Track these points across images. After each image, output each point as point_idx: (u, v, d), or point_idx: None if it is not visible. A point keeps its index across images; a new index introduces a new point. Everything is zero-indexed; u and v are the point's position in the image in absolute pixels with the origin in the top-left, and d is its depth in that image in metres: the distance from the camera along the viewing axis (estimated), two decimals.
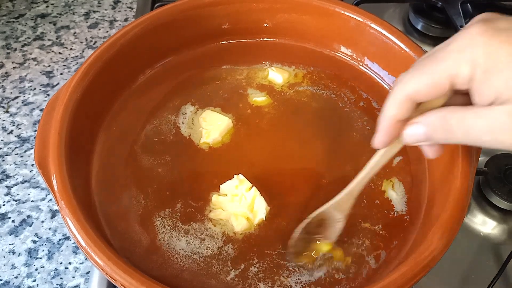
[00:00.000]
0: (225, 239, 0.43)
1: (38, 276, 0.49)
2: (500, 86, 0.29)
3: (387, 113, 0.34)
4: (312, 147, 0.50)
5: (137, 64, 0.54)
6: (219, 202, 0.45)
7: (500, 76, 0.29)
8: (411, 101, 0.33)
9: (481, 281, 0.48)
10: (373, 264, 0.43)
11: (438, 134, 0.33)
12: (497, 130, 0.30)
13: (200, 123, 0.51)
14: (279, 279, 0.41)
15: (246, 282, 0.41)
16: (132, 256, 0.42)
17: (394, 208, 0.46)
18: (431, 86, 0.32)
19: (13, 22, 0.76)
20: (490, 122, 0.30)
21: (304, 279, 0.41)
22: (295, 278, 0.41)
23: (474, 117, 0.31)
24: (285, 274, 0.42)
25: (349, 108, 0.54)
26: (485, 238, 0.52)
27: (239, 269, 0.42)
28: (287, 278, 0.41)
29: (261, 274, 0.41)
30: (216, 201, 0.45)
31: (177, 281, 0.41)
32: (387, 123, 0.35)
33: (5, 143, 0.60)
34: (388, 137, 0.36)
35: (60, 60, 0.70)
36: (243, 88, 0.55)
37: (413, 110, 0.34)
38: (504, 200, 0.53)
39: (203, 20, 0.56)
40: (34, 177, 0.57)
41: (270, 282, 0.41)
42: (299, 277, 0.41)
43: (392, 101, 0.34)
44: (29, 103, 0.65)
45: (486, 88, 0.30)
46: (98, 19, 0.77)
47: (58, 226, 0.53)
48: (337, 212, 0.42)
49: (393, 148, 0.38)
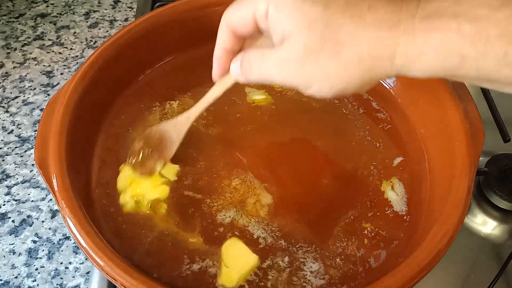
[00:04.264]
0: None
1: (38, 276, 0.49)
2: (283, 21, 0.31)
3: (217, 42, 0.38)
4: (312, 147, 0.50)
5: (137, 64, 0.54)
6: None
7: (284, 11, 0.31)
8: (231, 32, 0.36)
9: (481, 281, 0.48)
10: (373, 264, 0.43)
11: (246, 73, 0.36)
12: (283, 66, 0.32)
13: (221, 255, 0.42)
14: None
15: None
16: (132, 256, 0.42)
17: (394, 208, 0.46)
18: (239, 17, 0.35)
19: (13, 22, 0.76)
20: (277, 58, 0.33)
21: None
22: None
23: (268, 56, 0.33)
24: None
25: (349, 108, 0.54)
26: (486, 238, 0.52)
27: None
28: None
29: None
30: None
31: (177, 281, 0.41)
32: (216, 52, 0.38)
33: (5, 143, 0.60)
34: (220, 67, 0.39)
35: (60, 60, 0.70)
36: (243, 87, 0.55)
37: (238, 43, 0.37)
38: (505, 200, 0.53)
39: (203, 20, 0.56)
40: (34, 177, 0.57)
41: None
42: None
43: (219, 30, 0.37)
44: (29, 103, 0.65)
45: (275, 23, 0.32)
46: (98, 19, 0.77)
47: (58, 226, 0.53)
48: (174, 133, 0.46)
49: (228, 80, 0.40)
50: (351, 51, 0.30)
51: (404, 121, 0.52)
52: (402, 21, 0.29)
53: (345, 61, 0.31)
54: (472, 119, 0.45)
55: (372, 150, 0.50)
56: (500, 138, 0.54)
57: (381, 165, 0.49)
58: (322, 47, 0.31)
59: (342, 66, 0.31)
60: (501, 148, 0.56)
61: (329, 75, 0.31)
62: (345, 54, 0.30)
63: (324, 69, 0.31)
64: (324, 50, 0.31)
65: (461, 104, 0.45)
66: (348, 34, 0.30)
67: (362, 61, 0.30)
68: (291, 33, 0.31)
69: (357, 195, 0.47)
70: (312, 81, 0.32)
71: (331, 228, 0.44)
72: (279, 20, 0.32)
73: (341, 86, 0.32)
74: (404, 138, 0.51)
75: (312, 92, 0.33)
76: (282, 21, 0.32)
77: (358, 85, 0.32)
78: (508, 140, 0.53)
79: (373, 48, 0.30)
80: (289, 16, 0.31)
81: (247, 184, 0.47)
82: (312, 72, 0.31)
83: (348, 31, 0.30)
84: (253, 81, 0.36)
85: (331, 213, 0.45)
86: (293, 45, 0.31)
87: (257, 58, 0.35)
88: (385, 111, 0.53)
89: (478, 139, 0.44)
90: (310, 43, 0.31)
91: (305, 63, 0.31)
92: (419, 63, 0.30)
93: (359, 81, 0.31)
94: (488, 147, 0.52)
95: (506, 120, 0.54)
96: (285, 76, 0.33)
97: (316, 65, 0.31)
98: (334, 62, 0.31)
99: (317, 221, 0.45)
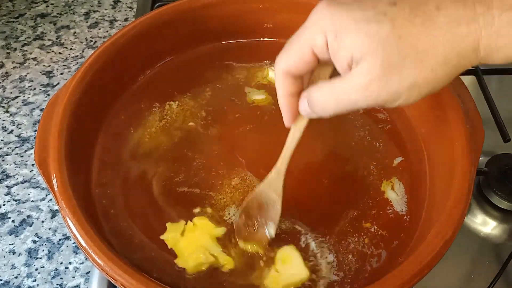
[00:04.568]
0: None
1: (38, 276, 0.49)
2: (349, 47, 0.31)
3: (278, 92, 0.37)
4: (312, 147, 0.50)
5: (137, 64, 0.54)
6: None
7: (348, 37, 0.31)
8: (289, 76, 0.36)
9: (481, 281, 0.48)
10: (374, 264, 0.42)
11: (317, 109, 0.35)
12: (364, 89, 0.32)
13: (275, 260, 0.42)
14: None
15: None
16: (132, 256, 0.42)
17: (394, 208, 0.46)
18: (298, 58, 0.34)
19: (13, 22, 0.76)
20: (354, 85, 0.32)
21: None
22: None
23: (339, 86, 0.33)
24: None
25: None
26: (486, 238, 0.52)
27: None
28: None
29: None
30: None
31: (177, 281, 0.41)
32: (281, 101, 0.38)
33: (5, 143, 0.60)
34: (290, 113, 0.38)
35: (60, 60, 0.70)
36: (243, 87, 0.55)
37: (299, 83, 0.37)
38: (505, 200, 0.52)
39: (203, 20, 0.56)
40: (34, 177, 0.57)
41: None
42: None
43: (276, 81, 0.37)
44: (29, 103, 0.65)
45: (339, 51, 0.32)
46: (98, 19, 0.77)
47: (58, 226, 0.53)
48: (271, 192, 0.43)
49: (302, 121, 0.40)
50: (434, 56, 0.30)
51: (404, 121, 0.52)
52: (479, 15, 0.30)
53: (431, 66, 0.31)
54: (472, 119, 0.45)
55: (372, 150, 0.50)
56: (500, 138, 0.54)
57: (381, 165, 0.49)
58: (403, 60, 0.30)
59: (429, 71, 0.31)
60: (501, 148, 0.56)
61: (417, 83, 0.31)
62: (429, 60, 0.31)
63: (410, 79, 0.31)
64: (405, 62, 0.30)
65: (461, 104, 0.45)
66: (427, 41, 0.30)
67: (448, 62, 0.31)
68: (363, 56, 0.31)
69: (357, 195, 0.47)
70: (399, 94, 0.32)
71: (331, 228, 0.44)
72: (343, 48, 0.31)
73: (429, 88, 0.32)
74: (404, 138, 0.51)
75: (400, 103, 0.32)
76: (349, 47, 0.31)
77: (447, 82, 0.32)
78: (508, 140, 0.53)
79: (456, 47, 0.30)
80: (356, 40, 0.31)
81: (247, 183, 0.47)
82: (398, 86, 0.31)
83: (426, 38, 0.30)
84: (330, 115, 0.35)
85: (331, 213, 0.45)
86: (369, 67, 0.31)
87: (327, 94, 0.34)
88: (385, 111, 0.53)
89: (478, 139, 0.44)
90: (388, 60, 0.30)
91: (389, 80, 0.31)
92: (503, 52, 0.31)
93: (448, 79, 0.32)
94: (488, 147, 0.52)
95: (506, 120, 0.54)
96: (370, 99, 0.32)
97: (401, 79, 0.31)
98: (420, 70, 0.31)
99: (317, 221, 0.45)
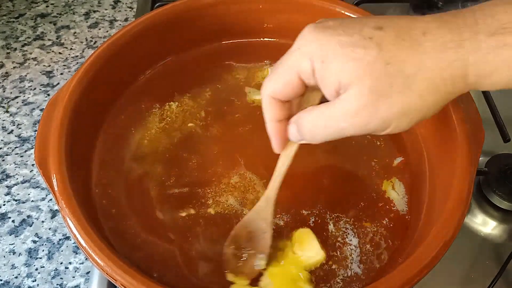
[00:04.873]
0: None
1: (38, 276, 0.49)
2: (336, 72, 0.30)
3: (265, 117, 0.36)
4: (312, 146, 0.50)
5: (137, 64, 0.54)
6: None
7: (334, 63, 0.30)
8: (276, 102, 0.35)
9: (481, 281, 0.48)
10: (374, 264, 0.42)
11: (306, 135, 0.34)
12: (352, 117, 0.31)
13: (292, 239, 0.43)
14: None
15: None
16: (132, 256, 0.42)
17: (395, 208, 0.46)
18: (284, 84, 0.34)
19: (13, 22, 0.76)
20: (342, 112, 0.31)
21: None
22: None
23: (327, 113, 0.32)
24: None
25: None
26: (486, 238, 0.52)
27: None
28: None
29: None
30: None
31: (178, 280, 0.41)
32: (269, 126, 0.36)
33: (5, 143, 0.60)
34: (279, 139, 0.37)
35: (60, 60, 0.70)
36: (243, 87, 0.55)
37: (287, 108, 0.36)
38: (505, 200, 0.53)
39: (203, 20, 0.56)
40: (34, 177, 0.57)
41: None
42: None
43: (263, 105, 0.36)
44: (29, 103, 0.65)
45: (326, 77, 0.31)
46: (98, 19, 0.77)
47: (58, 226, 0.53)
48: (260, 221, 0.41)
49: (292, 147, 0.38)
50: (423, 81, 0.30)
51: None
52: (466, 40, 0.29)
53: (420, 91, 0.30)
54: (472, 119, 0.45)
55: (372, 150, 0.50)
56: (500, 138, 0.54)
57: (381, 165, 0.49)
58: (391, 86, 0.30)
59: (418, 97, 0.30)
60: (501, 148, 0.56)
61: (406, 110, 0.30)
62: (418, 85, 0.30)
63: (399, 106, 0.30)
64: (393, 88, 0.30)
65: (461, 104, 0.45)
66: (414, 65, 0.29)
67: (437, 87, 0.30)
68: (350, 82, 0.30)
69: (358, 195, 0.47)
70: (389, 122, 0.31)
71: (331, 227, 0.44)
72: (330, 74, 0.31)
73: (420, 115, 0.31)
74: (404, 138, 0.51)
75: (390, 131, 0.32)
76: (335, 74, 0.30)
77: (438, 109, 0.31)
78: (508, 140, 0.53)
79: (444, 72, 0.29)
80: (343, 67, 0.30)
81: (246, 181, 0.47)
82: (387, 114, 0.30)
83: (413, 63, 0.29)
84: (320, 142, 0.34)
85: (331, 213, 0.45)
86: (356, 93, 0.30)
87: (316, 119, 0.33)
88: None
89: (478, 139, 0.44)
90: (376, 87, 0.30)
91: (377, 106, 0.30)
92: (492, 78, 0.30)
93: (439, 106, 0.31)
94: (488, 147, 0.52)
95: (506, 120, 0.54)
96: (357, 126, 0.31)
97: (390, 106, 0.30)
98: (408, 97, 0.30)
99: (317, 220, 0.45)
